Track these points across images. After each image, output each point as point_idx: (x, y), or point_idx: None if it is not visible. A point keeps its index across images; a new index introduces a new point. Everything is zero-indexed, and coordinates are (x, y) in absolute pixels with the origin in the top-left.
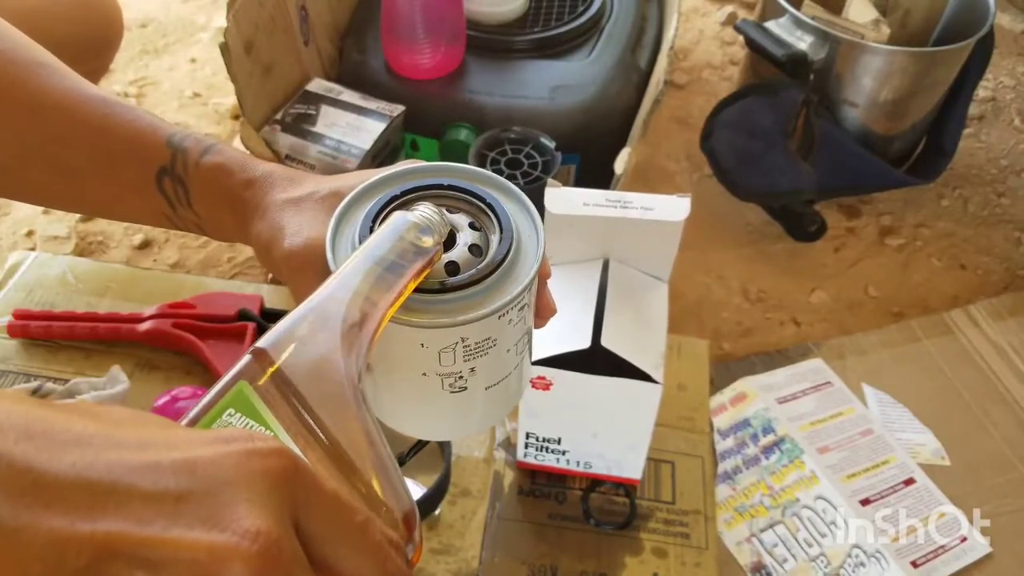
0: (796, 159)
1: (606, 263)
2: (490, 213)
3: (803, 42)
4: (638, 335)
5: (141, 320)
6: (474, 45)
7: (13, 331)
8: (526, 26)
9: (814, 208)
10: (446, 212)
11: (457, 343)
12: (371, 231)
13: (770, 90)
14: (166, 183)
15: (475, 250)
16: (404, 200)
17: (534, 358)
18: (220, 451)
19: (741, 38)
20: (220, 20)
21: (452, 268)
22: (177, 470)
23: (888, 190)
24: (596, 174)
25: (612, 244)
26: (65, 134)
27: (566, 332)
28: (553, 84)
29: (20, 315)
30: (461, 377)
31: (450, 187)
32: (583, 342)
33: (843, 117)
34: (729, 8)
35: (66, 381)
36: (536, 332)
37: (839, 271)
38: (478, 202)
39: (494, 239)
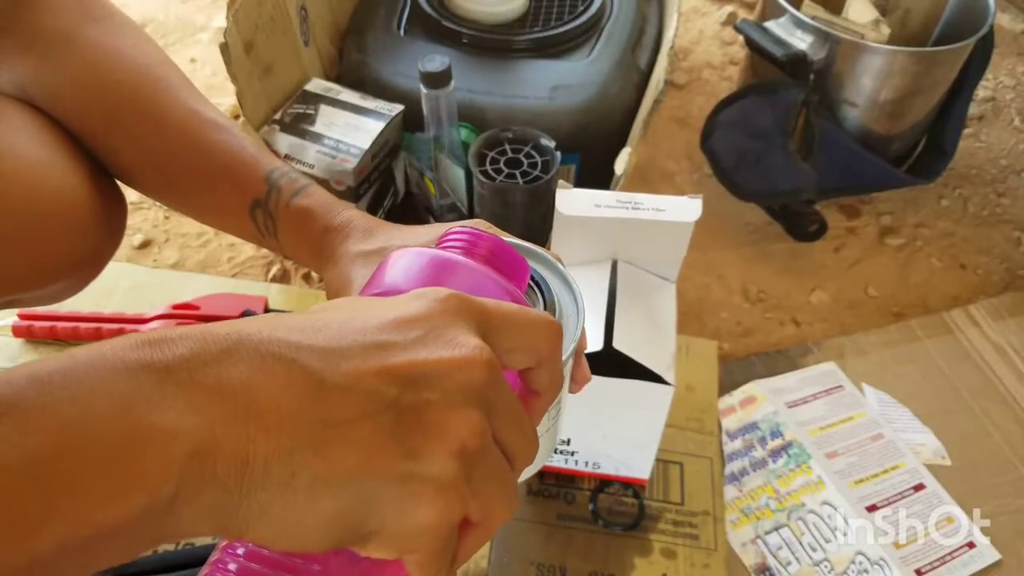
0: (796, 159)
1: (614, 264)
2: (534, 286)
3: (803, 42)
4: (649, 337)
5: (145, 321)
6: (474, 45)
7: (18, 331)
8: (526, 26)
9: (814, 208)
10: None
11: None
12: None
13: (770, 90)
14: (258, 214)
15: None
16: None
17: None
18: (422, 304)
19: (741, 38)
20: (220, 20)
21: None
22: (408, 323)
23: (888, 190)
24: (596, 174)
25: (621, 245)
26: (177, 149)
27: None
28: (553, 84)
29: (25, 315)
30: None
31: None
32: (595, 344)
33: (843, 117)
34: (729, 8)
35: None
36: None
37: (839, 271)
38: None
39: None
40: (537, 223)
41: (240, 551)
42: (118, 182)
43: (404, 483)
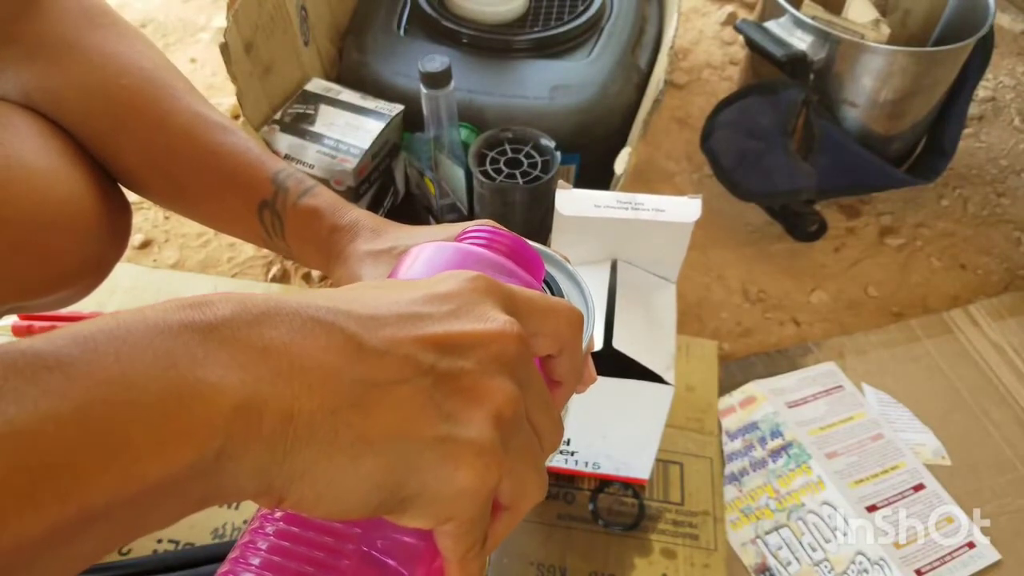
0: (796, 159)
1: (614, 264)
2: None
3: (803, 42)
4: (648, 337)
5: None
6: (474, 45)
7: (18, 331)
8: (526, 26)
9: (814, 208)
10: None
11: None
12: None
13: (770, 90)
14: (265, 214)
15: None
16: None
17: None
18: (452, 283)
19: (741, 38)
20: (220, 20)
21: None
22: (440, 298)
23: (888, 190)
24: (596, 174)
25: (621, 245)
26: (183, 152)
27: None
28: (553, 84)
29: (25, 316)
30: None
31: None
32: (595, 343)
33: (843, 117)
34: (729, 8)
35: None
36: None
37: (839, 271)
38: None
39: None
40: (537, 223)
41: (270, 530)
42: (123, 188)
43: (443, 445)
